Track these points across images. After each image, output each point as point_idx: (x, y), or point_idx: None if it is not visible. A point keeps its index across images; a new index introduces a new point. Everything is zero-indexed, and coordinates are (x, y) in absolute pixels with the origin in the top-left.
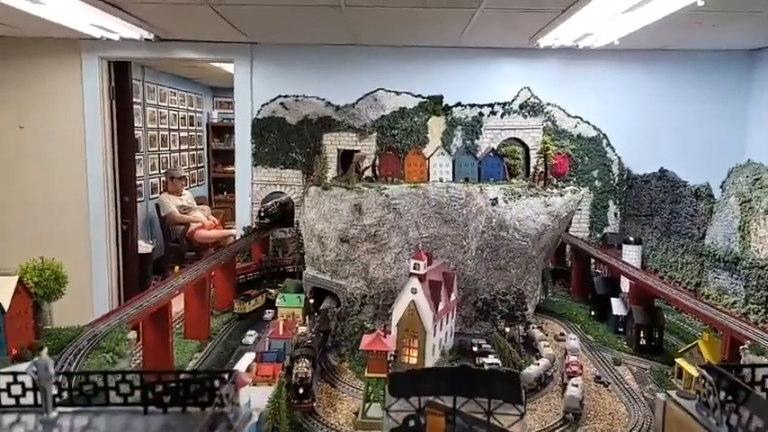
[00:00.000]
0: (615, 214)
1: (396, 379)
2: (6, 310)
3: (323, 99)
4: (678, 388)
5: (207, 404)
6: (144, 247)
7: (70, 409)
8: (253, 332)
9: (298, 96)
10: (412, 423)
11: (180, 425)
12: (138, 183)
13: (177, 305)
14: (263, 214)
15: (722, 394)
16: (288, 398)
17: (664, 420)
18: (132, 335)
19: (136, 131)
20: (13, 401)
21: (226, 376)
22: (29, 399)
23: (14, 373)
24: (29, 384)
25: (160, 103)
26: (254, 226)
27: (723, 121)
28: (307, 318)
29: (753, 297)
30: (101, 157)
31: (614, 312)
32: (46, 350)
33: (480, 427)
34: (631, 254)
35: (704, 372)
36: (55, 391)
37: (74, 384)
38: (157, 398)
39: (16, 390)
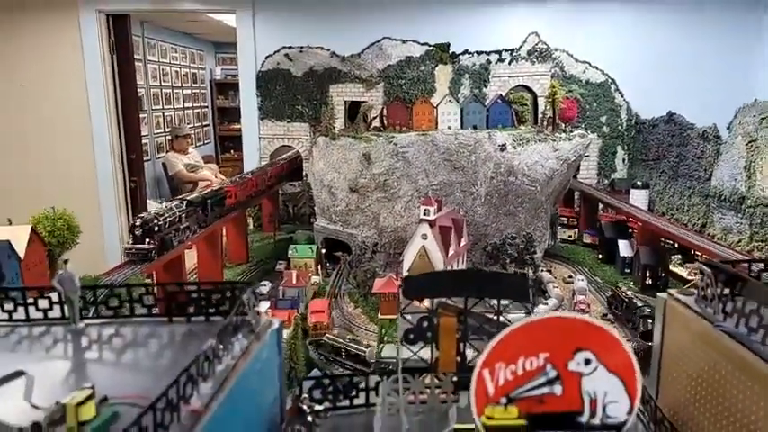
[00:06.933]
0: (623, 160)
1: (410, 282)
2: (22, 258)
3: (328, 49)
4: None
5: (229, 313)
6: (153, 206)
7: (97, 321)
8: (266, 282)
9: (302, 47)
10: (425, 324)
11: (203, 331)
12: (143, 142)
13: (192, 259)
14: (138, 231)
15: (719, 286)
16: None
17: (664, 317)
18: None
19: (138, 89)
20: (41, 315)
21: (246, 287)
22: (56, 313)
23: (40, 288)
24: (55, 299)
25: (161, 60)
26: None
27: (732, 61)
28: (319, 267)
29: (757, 234)
30: (104, 113)
31: (621, 254)
32: (70, 263)
33: (491, 326)
34: (639, 198)
35: (703, 266)
36: (81, 305)
37: (99, 299)
38: (181, 308)
39: (43, 304)
